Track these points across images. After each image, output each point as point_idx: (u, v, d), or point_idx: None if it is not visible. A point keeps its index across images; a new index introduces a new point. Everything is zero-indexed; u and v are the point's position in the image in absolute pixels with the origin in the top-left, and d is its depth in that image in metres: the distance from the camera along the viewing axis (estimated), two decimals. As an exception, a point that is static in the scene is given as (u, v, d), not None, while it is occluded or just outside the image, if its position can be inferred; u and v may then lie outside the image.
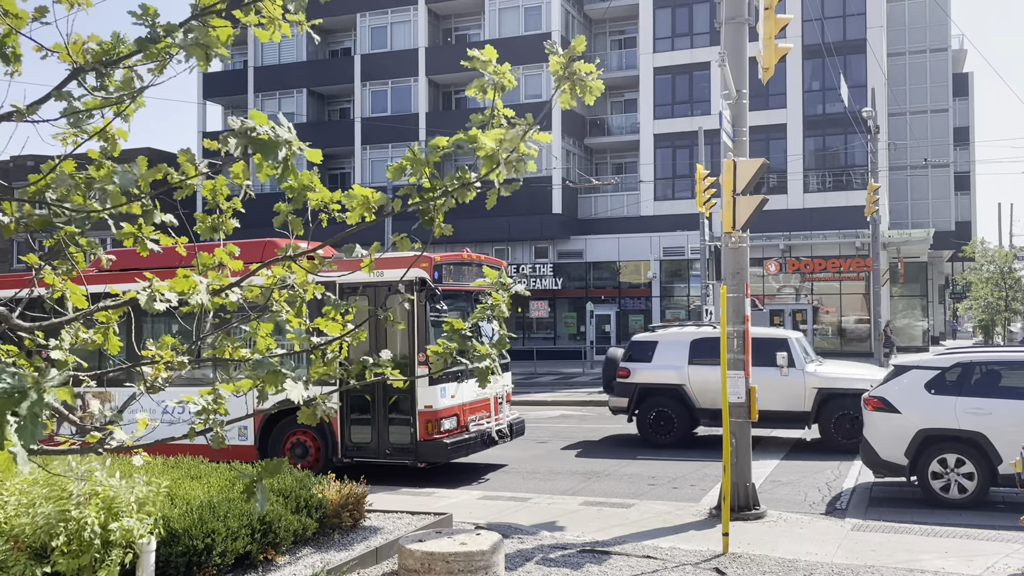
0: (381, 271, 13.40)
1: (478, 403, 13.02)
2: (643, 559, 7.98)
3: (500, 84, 3.46)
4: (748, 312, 10.08)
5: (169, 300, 3.12)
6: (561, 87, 3.49)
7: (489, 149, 3.39)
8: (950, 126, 54.27)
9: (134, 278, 3.68)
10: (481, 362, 3.74)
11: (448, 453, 12.06)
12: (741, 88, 10.38)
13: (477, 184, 3.52)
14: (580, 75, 3.39)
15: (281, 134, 2.91)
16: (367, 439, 12.33)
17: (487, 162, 3.45)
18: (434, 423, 11.93)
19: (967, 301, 46.58)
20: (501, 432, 13.24)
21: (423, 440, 11.93)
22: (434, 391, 11.95)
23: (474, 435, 12.62)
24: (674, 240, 38.72)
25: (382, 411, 12.26)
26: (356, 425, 12.39)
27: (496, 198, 3.61)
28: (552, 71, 3.49)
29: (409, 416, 12.06)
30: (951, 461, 10.40)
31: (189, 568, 6.74)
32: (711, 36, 38.27)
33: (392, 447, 12.20)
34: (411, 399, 12.00)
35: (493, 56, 3.45)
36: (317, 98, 45.29)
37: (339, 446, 12.40)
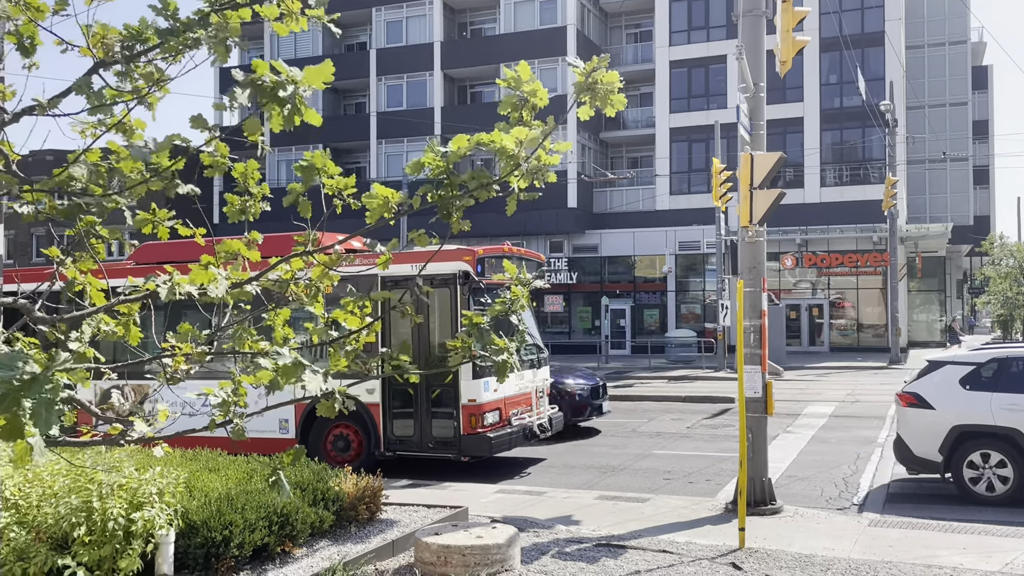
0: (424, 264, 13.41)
1: (519, 397, 12.99)
2: (659, 553, 7.97)
3: (532, 104, 3.43)
4: (765, 307, 10.04)
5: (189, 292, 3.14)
6: (581, 98, 3.46)
7: (510, 150, 3.38)
8: (969, 119, 53.82)
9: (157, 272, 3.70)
10: (499, 356, 3.74)
11: (492, 447, 12.01)
12: (759, 81, 10.32)
13: (496, 188, 3.51)
14: (602, 88, 3.37)
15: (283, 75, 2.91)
16: (409, 433, 12.28)
17: (507, 163, 3.44)
18: (477, 417, 11.89)
19: (985, 296, 46.21)
20: (542, 426, 13.22)
21: (467, 434, 11.89)
22: (477, 385, 11.92)
23: (516, 429, 12.59)
24: (690, 234, 38.60)
25: (425, 405, 12.21)
26: (398, 419, 12.34)
27: (516, 204, 3.60)
28: (576, 83, 3.46)
29: (452, 410, 12.01)
30: (987, 458, 10.31)
31: (207, 559, 6.79)
32: (727, 29, 38.08)
33: (435, 441, 12.16)
34: (454, 393, 11.96)
35: (528, 74, 3.42)
36: (333, 92, 45.39)
37: (381, 440, 12.33)
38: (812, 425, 16.79)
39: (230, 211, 3.58)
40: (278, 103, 2.89)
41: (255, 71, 3.03)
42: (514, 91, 3.43)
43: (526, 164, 3.35)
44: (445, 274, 12.06)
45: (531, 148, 3.37)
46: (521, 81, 3.41)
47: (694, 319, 39.22)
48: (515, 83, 3.45)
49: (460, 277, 11.94)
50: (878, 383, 25.01)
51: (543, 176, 3.41)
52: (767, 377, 9.79)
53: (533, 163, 3.40)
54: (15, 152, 3.34)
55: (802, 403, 20.17)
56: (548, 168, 3.40)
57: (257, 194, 3.60)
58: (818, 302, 38.21)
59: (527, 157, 3.35)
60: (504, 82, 3.46)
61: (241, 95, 2.97)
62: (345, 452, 12.63)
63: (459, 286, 11.90)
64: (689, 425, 17.50)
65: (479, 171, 3.49)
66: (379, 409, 12.33)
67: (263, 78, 2.98)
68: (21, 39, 3.08)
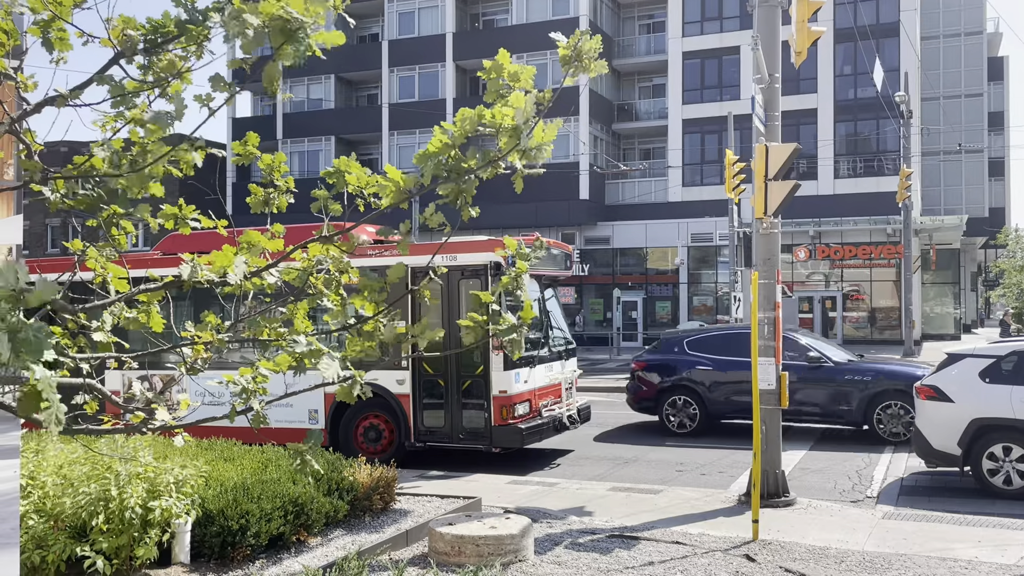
0: (455, 255, 13.28)
1: (549, 388, 12.98)
2: (672, 544, 7.98)
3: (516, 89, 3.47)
4: (779, 299, 10.01)
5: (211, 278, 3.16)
6: (569, 68, 3.52)
7: (510, 122, 3.40)
8: (984, 111, 53.43)
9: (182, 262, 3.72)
10: (509, 334, 3.76)
11: (523, 438, 11.99)
12: (774, 72, 10.27)
13: (502, 164, 3.53)
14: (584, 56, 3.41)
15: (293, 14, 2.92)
16: (440, 423, 12.26)
17: (509, 139, 3.46)
18: (508, 408, 11.87)
19: (999, 289, 45.92)
20: (572, 418, 13.23)
21: (498, 425, 11.87)
22: (509, 376, 11.90)
23: (547, 420, 12.59)
24: (702, 226, 38.47)
25: (455, 395, 12.19)
26: (428, 409, 12.32)
27: (522, 182, 3.62)
28: (561, 57, 3.51)
29: (483, 401, 11.98)
30: (1008, 451, 10.26)
31: (223, 548, 6.84)
32: (741, 20, 37.88)
33: (465, 432, 12.14)
34: (485, 383, 11.94)
35: (507, 61, 3.47)
36: (345, 84, 45.41)
37: (412, 431, 12.32)
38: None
39: (253, 202, 3.59)
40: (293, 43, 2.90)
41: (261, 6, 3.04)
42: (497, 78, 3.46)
43: (527, 137, 3.36)
44: (476, 265, 12.05)
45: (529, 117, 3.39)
46: (501, 68, 3.43)
47: (706, 311, 39.13)
48: (496, 71, 3.47)
49: (492, 268, 11.93)
50: (891, 376, 24.85)
51: (541, 156, 3.43)
52: (781, 369, 9.77)
53: (532, 141, 3.42)
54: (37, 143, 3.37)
55: (815, 395, 20.06)
56: (546, 145, 3.42)
57: (282, 187, 3.62)
58: (831, 294, 38.05)
59: (528, 129, 3.37)
60: (484, 73, 3.49)
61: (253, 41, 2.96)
62: (376, 443, 12.65)
63: (490, 277, 11.89)
64: (701, 417, 17.45)
65: (486, 151, 3.51)
66: (409, 400, 12.30)
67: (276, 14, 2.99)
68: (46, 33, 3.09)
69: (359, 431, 12.75)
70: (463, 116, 3.42)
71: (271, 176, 3.59)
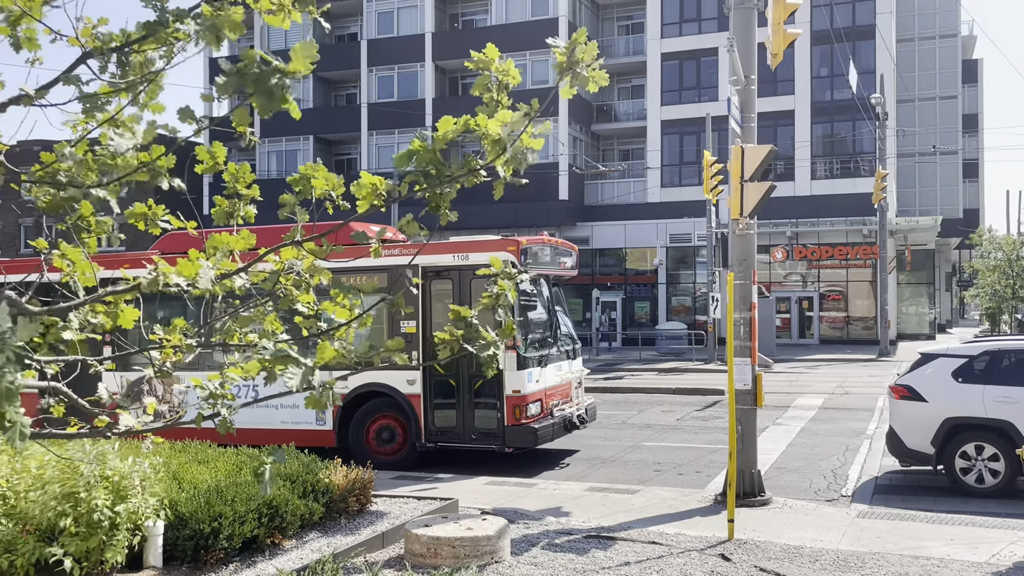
0: (466, 254, 13.25)
1: (559, 388, 12.99)
2: (648, 544, 8.00)
3: (504, 83, 3.45)
4: (755, 299, 10.07)
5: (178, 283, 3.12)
6: (564, 77, 3.48)
7: (495, 134, 3.38)
8: (959, 113, 54.00)
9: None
10: (486, 350, 3.74)
11: (536, 438, 11.96)
12: (750, 74, 10.33)
13: (483, 173, 3.51)
14: (582, 66, 3.38)
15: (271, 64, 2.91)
16: (451, 424, 12.19)
17: (493, 147, 3.44)
18: (521, 408, 11.83)
19: (974, 289, 46.45)
20: (581, 417, 13.25)
21: (511, 425, 11.83)
22: (522, 375, 11.86)
23: (558, 420, 12.58)
24: (681, 227, 38.65)
25: (467, 395, 12.13)
26: (440, 410, 12.25)
27: (503, 188, 3.60)
28: (556, 63, 3.47)
29: (496, 400, 11.93)
30: (980, 450, 10.37)
31: (196, 551, 6.78)
32: (719, 22, 38.08)
33: (478, 432, 12.08)
34: (498, 383, 11.86)
35: (495, 55, 3.44)
36: (324, 83, 45.21)
37: (423, 431, 12.24)
38: (801, 417, 16.87)
39: (217, 214, 3.55)
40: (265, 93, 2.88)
41: (243, 60, 3.02)
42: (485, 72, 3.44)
43: (511, 147, 3.35)
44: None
45: (517, 131, 3.37)
46: (490, 62, 3.41)
47: (684, 311, 39.32)
48: (484, 64, 3.45)
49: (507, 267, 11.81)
50: (867, 375, 25.12)
51: (526, 160, 3.41)
52: (757, 369, 9.82)
53: (517, 146, 3.40)
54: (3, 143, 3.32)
55: (792, 395, 20.26)
56: (531, 151, 3.40)
57: (246, 197, 3.58)
58: (808, 295, 38.35)
59: (512, 140, 3.35)
60: (472, 64, 3.46)
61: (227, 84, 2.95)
62: (389, 443, 12.58)
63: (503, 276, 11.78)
64: (679, 417, 17.56)
65: (468, 158, 3.49)
66: (420, 400, 12.22)
67: (250, 67, 2.96)
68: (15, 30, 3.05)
69: (371, 432, 12.66)
70: (446, 123, 3.40)
71: (235, 187, 3.55)
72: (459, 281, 11.99)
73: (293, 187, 3.40)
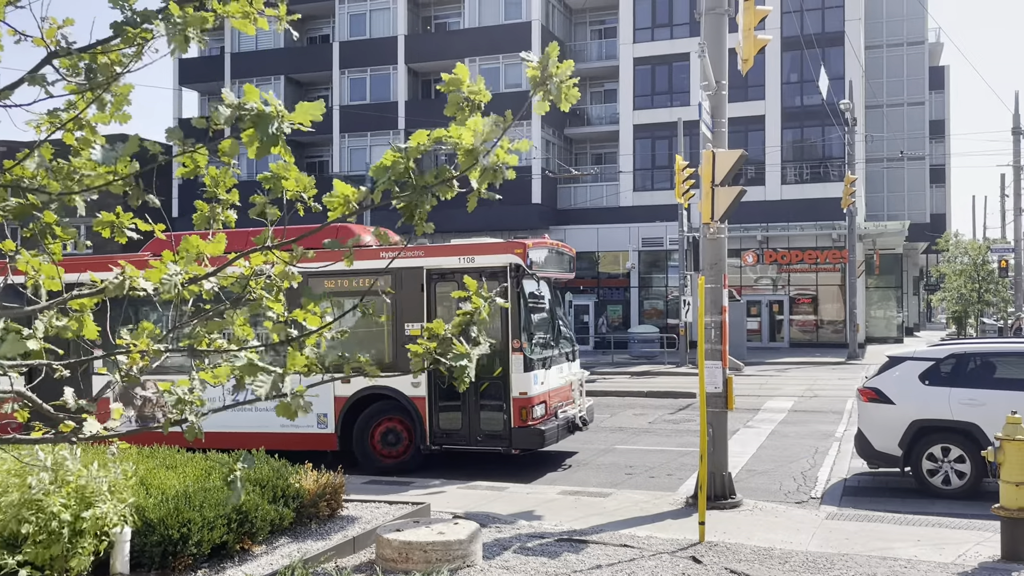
0: (472, 256, 13.37)
1: (561, 390, 13.06)
2: (620, 548, 8.02)
3: (477, 103, 3.46)
4: (726, 303, 10.14)
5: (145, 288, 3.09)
6: (537, 92, 3.49)
7: (468, 144, 3.38)
8: (926, 119, 54.73)
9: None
10: (459, 361, 3.73)
11: (543, 439, 11.99)
12: (720, 79, 10.41)
13: (456, 184, 3.51)
14: (555, 81, 3.40)
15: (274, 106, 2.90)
16: (457, 426, 12.17)
17: (466, 158, 3.44)
18: (528, 410, 11.85)
19: (940, 293, 47.10)
20: (583, 419, 13.32)
21: (518, 427, 11.83)
22: (528, 377, 11.90)
23: (562, 421, 12.66)
24: (653, 231, 38.83)
25: (473, 398, 12.11)
26: (445, 412, 12.22)
27: (476, 200, 3.60)
28: (529, 77, 3.48)
29: (502, 402, 11.95)
30: (947, 452, 10.50)
31: (164, 558, 6.70)
32: (691, 27, 38.34)
33: (484, 434, 12.08)
34: (504, 385, 11.90)
35: (466, 75, 3.46)
36: (295, 85, 44.93)
37: (427, 434, 12.21)
38: (772, 420, 17.00)
39: (198, 219, 3.52)
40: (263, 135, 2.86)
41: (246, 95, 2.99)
42: (457, 92, 3.44)
43: (485, 159, 3.34)
44: (496, 267, 12.02)
45: (489, 140, 3.37)
46: (460, 82, 3.41)
47: (657, 315, 39.50)
48: (455, 84, 3.45)
49: (512, 269, 11.93)
50: (836, 378, 25.38)
51: (502, 174, 3.41)
52: (728, 372, 9.89)
53: (492, 159, 3.39)
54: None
55: (762, 398, 20.42)
56: (507, 166, 3.40)
57: (226, 201, 3.55)
58: (778, 298, 38.69)
59: (486, 151, 3.35)
60: (444, 87, 3.48)
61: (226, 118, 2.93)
62: (394, 446, 12.56)
63: (510, 279, 11.89)
64: (651, 420, 17.63)
65: (441, 168, 3.48)
66: (425, 403, 12.21)
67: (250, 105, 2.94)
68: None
69: (375, 435, 12.62)
70: (420, 136, 3.39)
71: (215, 191, 3.52)
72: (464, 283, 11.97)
73: (263, 185, 3.37)
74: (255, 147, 2.88)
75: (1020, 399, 9.78)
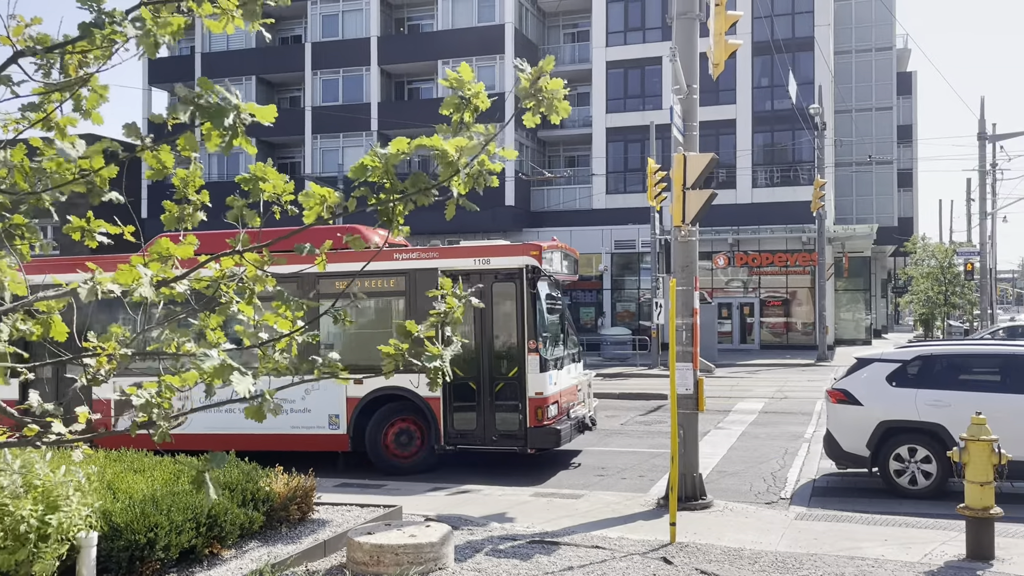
0: (488, 258, 13.67)
1: (570, 390, 13.20)
2: (592, 549, 8.05)
3: (475, 106, 3.45)
4: (697, 305, 10.21)
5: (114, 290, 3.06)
6: (526, 104, 3.50)
7: (450, 156, 3.38)
8: (894, 124, 55.43)
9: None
10: (432, 362, 3.73)
11: (559, 439, 12.11)
12: (692, 83, 10.48)
13: (435, 192, 3.51)
14: (547, 94, 3.41)
15: (229, 99, 2.87)
16: (471, 426, 12.25)
17: (447, 168, 3.44)
18: (543, 409, 11.97)
19: (908, 295, 47.70)
20: (592, 419, 13.52)
21: (533, 427, 11.94)
22: (543, 378, 12.01)
23: (574, 421, 12.81)
24: (625, 233, 39.01)
25: (488, 398, 12.21)
26: (459, 412, 12.30)
27: (455, 208, 3.60)
28: (520, 89, 3.49)
29: (518, 402, 12.03)
30: (913, 452, 10.63)
31: (132, 562, 6.62)
32: (663, 31, 38.58)
33: (499, 434, 12.16)
34: (520, 385, 12.01)
35: (470, 75, 3.45)
36: (267, 86, 44.64)
37: (442, 434, 12.28)
38: (742, 421, 17.14)
39: (167, 219, 3.49)
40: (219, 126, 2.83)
41: (199, 88, 2.96)
42: (456, 91, 3.43)
43: (466, 171, 3.35)
44: (511, 268, 12.16)
45: (471, 155, 3.37)
46: (464, 83, 3.41)
47: (629, 317, 39.68)
48: (458, 84, 3.45)
49: (529, 271, 12.04)
50: (806, 380, 25.63)
51: (485, 181, 3.42)
52: (699, 374, 9.96)
53: (475, 167, 3.40)
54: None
55: (733, 399, 20.57)
56: (491, 173, 3.41)
57: (196, 202, 3.52)
58: (749, 301, 39.01)
59: (467, 164, 3.35)
60: (447, 82, 3.47)
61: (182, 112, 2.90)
62: (407, 447, 12.60)
63: (525, 280, 12.00)
64: (623, 422, 17.70)
65: (418, 175, 3.47)
66: (439, 403, 12.27)
67: (206, 96, 2.91)
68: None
69: (389, 436, 12.65)
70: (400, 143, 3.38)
71: (185, 192, 3.49)
72: (480, 285, 12.13)
73: (242, 187, 3.35)
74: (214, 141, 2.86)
75: (985, 400, 9.94)
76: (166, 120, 2.94)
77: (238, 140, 2.90)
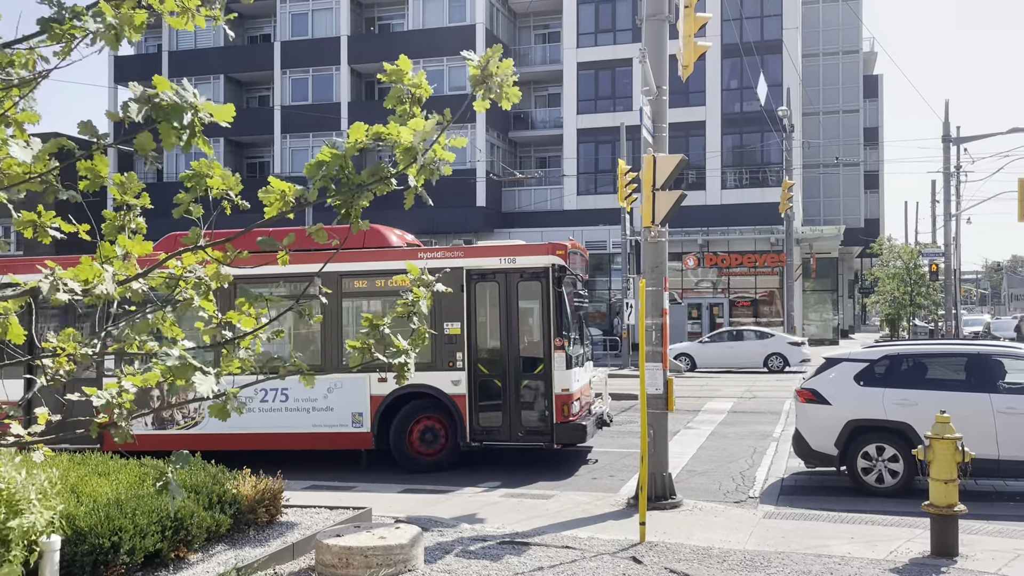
0: (513, 258, 13.94)
1: (586, 387, 13.49)
2: (562, 549, 8.05)
3: (418, 96, 3.46)
4: (667, 306, 10.25)
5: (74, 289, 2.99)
6: (478, 90, 3.49)
7: (407, 142, 3.36)
8: (860, 126, 56.14)
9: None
10: (397, 358, 3.71)
11: (584, 434, 12.31)
12: (661, 85, 10.52)
13: (394, 181, 3.49)
14: (496, 80, 3.40)
15: (186, 97, 2.81)
16: (497, 423, 12.40)
17: (405, 156, 3.42)
18: (568, 406, 12.18)
19: (874, 296, 48.32)
20: (609, 415, 13.82)
21: (560, 423, 12.12)
22: (569, 375, 12.24)
23: (595, 417, 13.09)
24: (596, 234, 39.12)
25: (514, 394, 12.37)
26: (485, 410, 12.44)
27: (413, 198, 3.57)
28: (471, 75, 3.48)
29: (545, 399, 12.22)
30: (881, 451, 10.74)
31: (96, 567, 6.51)
32: (633, 33, 38.76)
33: (525, 430, 12.33)
34: (546, 382, 12.21)
35: (408, 67, 3.45)
36: (235, 84, 44.25)
37: (467, 430, 12.39)
38: (711, 421, 17.25)
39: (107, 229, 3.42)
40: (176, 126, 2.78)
41: (155, 87, 2.91)
42: (398, 84, 3.42)
43: (422, 157, 3.33)
44: (537, 267, 12.31)
45: (428, 140, 3.35)
46: (403, 74, 3.40)
47: (600, 318, 39.79)
48: (397, 76, 3.43)
49: (555, 270, 12.16)
50: (774, 380, 25.86)
51: (439, 171, 3.40)
52: (668, 374, 10.00)
53: (430, 156, 3.38)
54: None
55: (702, 399, 20.70)
56: (444, 162, 3.39)
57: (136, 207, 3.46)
58: (719, 301, 39.28)
59: (424, 150, 3.33)
60: (386, 76, 3.46)
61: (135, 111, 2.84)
62: (432, 444, 12.72)
63: (552, 279, 12.14)
64: (594, 422, 17.72)
65: (378, 165, 3.45)
66: (465, 400, 12.40)
67: (162, 95, 2.86)
68: None
69: (414, 433, 12.73)
70: (357, 130, 3.35)
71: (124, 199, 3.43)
72: (505, 284, 12.38)
73: (185, 183, 3.30)
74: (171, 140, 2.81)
75: (950, 399, 10.08)
76: (123, 119, 2.88)
77: (196, 140, 2.85)
